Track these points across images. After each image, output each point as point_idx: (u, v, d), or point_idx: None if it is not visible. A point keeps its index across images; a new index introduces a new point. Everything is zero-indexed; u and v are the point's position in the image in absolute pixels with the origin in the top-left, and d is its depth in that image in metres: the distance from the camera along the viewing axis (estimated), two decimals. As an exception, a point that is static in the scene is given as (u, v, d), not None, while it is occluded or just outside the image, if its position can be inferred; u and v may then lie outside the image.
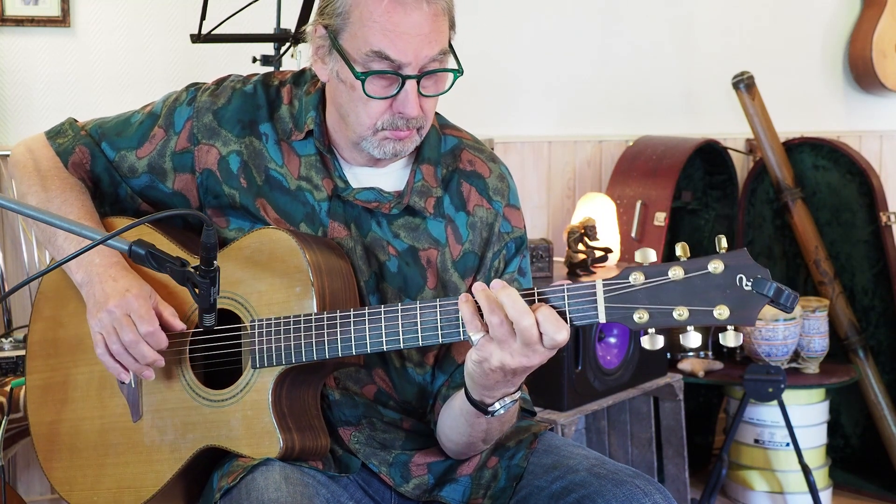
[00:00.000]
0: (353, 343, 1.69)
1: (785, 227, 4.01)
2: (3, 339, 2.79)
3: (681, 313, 1.50)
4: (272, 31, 2.94)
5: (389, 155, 1.80)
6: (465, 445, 1.81)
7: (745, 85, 3.82)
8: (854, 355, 3.86)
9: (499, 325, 1.56)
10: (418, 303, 1.65)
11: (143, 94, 2.20)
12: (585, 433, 3.39)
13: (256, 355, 1.74)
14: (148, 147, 1.91)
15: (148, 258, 1.58)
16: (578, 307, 1.55)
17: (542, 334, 1.55)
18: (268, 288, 1.76)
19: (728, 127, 4.21)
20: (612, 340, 3.21)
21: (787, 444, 3.59)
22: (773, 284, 1.46)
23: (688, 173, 3.94)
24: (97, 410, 1.89)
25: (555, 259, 3.31)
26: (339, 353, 1.70)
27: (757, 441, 3.69)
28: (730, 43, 4.24)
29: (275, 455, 1.71)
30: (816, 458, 3.69)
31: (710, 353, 3.70)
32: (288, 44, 2.90)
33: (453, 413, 1.77)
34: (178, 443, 1.80)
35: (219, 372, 1.83)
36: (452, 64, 1.78)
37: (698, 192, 4.02)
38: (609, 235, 3.44)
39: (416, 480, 1.85)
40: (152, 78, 3.34)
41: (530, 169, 3.91)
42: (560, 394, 3.02)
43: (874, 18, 4.31)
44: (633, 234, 3.71)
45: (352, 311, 1.70)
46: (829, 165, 3.95)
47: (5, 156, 3.03)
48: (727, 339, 1.50)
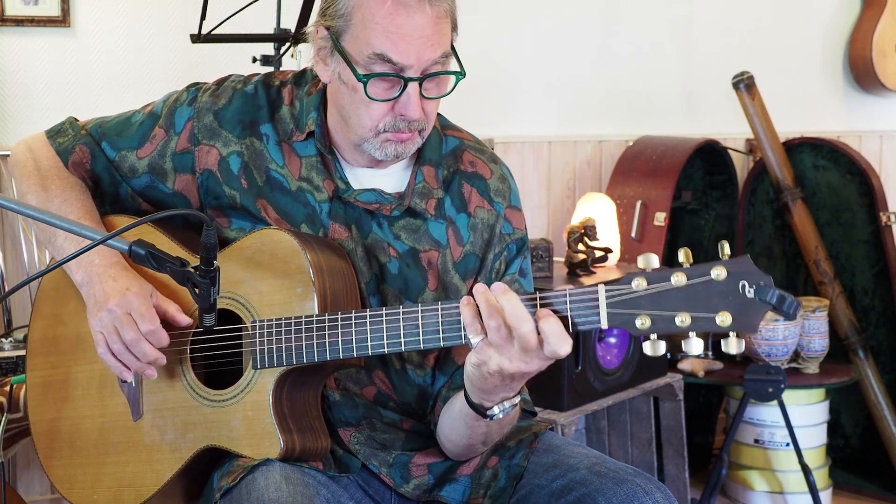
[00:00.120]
0: (354, 345, 1.68)
1: (785, 227, 4.00)
2: (3, 339, 2.79)
3: (683, 320, 1.49)
4: (272, 31, 2.94)
5: (391, 156, 1.79)
6: (464, 447, 1.80)
7: (745, 85, 3.81)
8: (854, 355, 3.86)
9: (496, 330, 1.55)
10: (420, 305, 1.65)
11: (143, 94, 2.19)
12: (585, 433, 3.39)
13: (257, 356, 1.74)
14: (148, 147, 1.91)
15: (148, 258, 1.58)
16: (580, 312, 1.54)
17: (543, 343, 1.54)
18: (269, 288, 1.76)
19: (728, 127, 4.20)
20: (612, 340, 3.21)
21: (787, 444, 3.58)
22: (776, 292, 1.46)
23: (688, 173, 3.94)
24: (97, 409, 1.89)
25: (555, 259, 3.30)
26: (340, 354, 1.69)
27: (757, 441, 3.69)
28: (730, 43, 4.23)
29: (275, 456, 1.71)
30: (816, 458, 3.68)
31: (710, 353, 3.69)
32: (288, 44, 2.90)
33: (453, 415, 1.77)
34: (178, 442, 1.80)
35: (219, 372, 1.83)
36: (455, 66, 1.77)
37: (698, 192, 4.02)
38: (609, 235, 3.44)
39: (417, 481, 1.85)
40: (152, 78, 3.33)
41: (530, 169, 3.91)
42: (560, 394, 3.01)
43: (874, 18, 4.30)
44: (633, 234, 3.71)
45: (353, 312, 1.69)
46: (829, 165, 3.95)
47: (5, 156, 3.02)
48: (729, 345, 1.50)
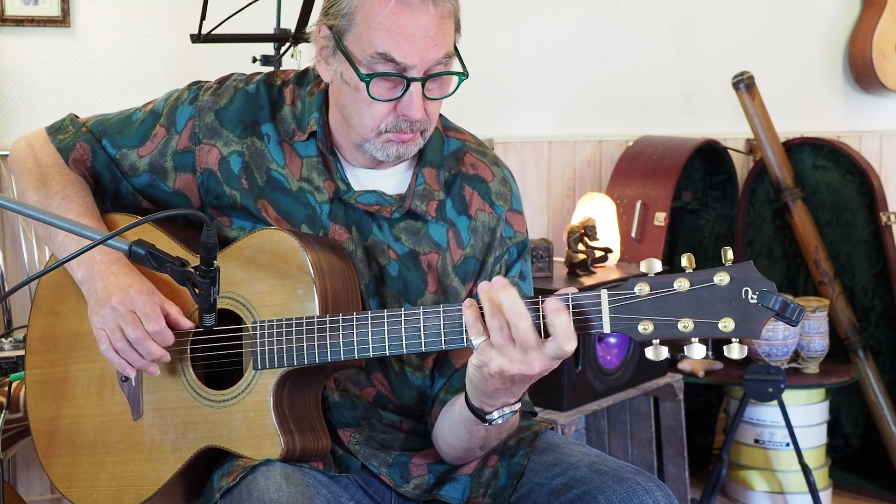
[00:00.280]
0: (355, 347, 1.68)
1: (785, 227, 4.00)
2: (3, 339, 2.79)
3: (686, 325, 1.49)
4: (272, 31, 2.93)
5: (392, 157, 1.79)
6: (462, 451, 1.80)
7: (745, 85, 3.81)
8: (854, 355, 3.86)
9: (499, 329, 1.54)
10: (421, 308, 1.64)
11: (143, 94, 2.19)
12: (585, 433, 3.39)
13: (258, 357, 1.74)
14: (149, 146, 1.91)
15: (148, 258, 1.58)
16: (583, 317, 1.54)
17: (549, 338, 1.53)
18: (269, 289, 1.76)
19: (728, 127, 4.20)
20: (612, 340, 3.20)
21: (787, 444, 3.58)
22: (779, 298, 1.46)
23: (688, 173, 3.94)
24: (97, 408, 1.89)
25: (555, 259, 3.30)
26: (341, 356, 1.69)
27: (757, 441, 3.69)
28: (730, 43, 4.23)
29: (276, 457, 1.70)
30: (816, 458, 3.68)
31: (710, 353, 3.68)
32: (288, 44, 2.89)
33: (452, 419, 1.76)
34: (178, 442, 1.80)
35: (219, 372, 1.83)
36: (457, 67, 1.76)
37: (698, 192, 4.02)
38: (609, 235, 3.44)
39: (417, 481, 1.85)
40: (152, 78, 3.33)
41: (530, 169, 3.91)
42: (560, 394, 3.01)
43: (874, 18, 4.30)
44: (633, 234, 3.71)
45: (354, 314, 1.69)
46: (829, 165, 3.95)
47: (5, 156, 3.02)
48: (732, 351, 1.50)
